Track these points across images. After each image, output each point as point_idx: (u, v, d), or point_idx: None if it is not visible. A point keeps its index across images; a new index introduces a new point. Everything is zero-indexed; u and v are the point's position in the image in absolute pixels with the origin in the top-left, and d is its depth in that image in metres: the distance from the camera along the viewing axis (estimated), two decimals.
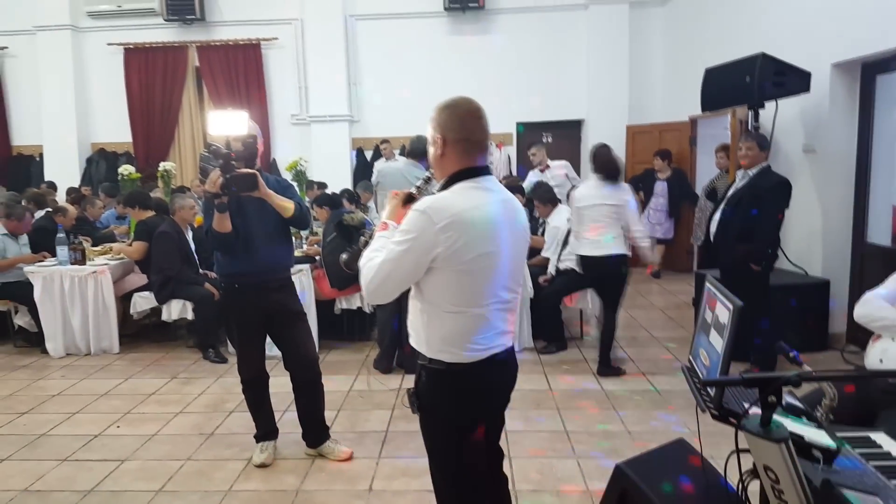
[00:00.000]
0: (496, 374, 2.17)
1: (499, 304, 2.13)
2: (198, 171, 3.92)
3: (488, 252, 2.03)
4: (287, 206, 3.49)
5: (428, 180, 2.27)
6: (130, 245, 6.38)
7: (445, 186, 2.11)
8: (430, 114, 2.17)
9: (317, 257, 6.09)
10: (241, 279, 3.57)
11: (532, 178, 7.99)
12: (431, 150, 2.17)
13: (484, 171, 2.14)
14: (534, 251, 6.09)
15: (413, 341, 2.21)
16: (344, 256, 2.34)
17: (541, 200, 6.31)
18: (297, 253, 6.17)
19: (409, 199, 2.22)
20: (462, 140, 2.10)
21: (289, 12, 10.45)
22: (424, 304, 2.11)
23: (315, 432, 3.92)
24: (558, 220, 6.18)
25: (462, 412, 2.14)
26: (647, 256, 5.89)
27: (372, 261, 2.07)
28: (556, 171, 8.11)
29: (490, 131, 2.20)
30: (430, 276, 2.04)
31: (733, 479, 1.91)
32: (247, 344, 3.76)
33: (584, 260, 5.24)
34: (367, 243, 2.22)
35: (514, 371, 2.30)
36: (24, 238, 6.50)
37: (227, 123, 3.47)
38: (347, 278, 5.78)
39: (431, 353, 2.12)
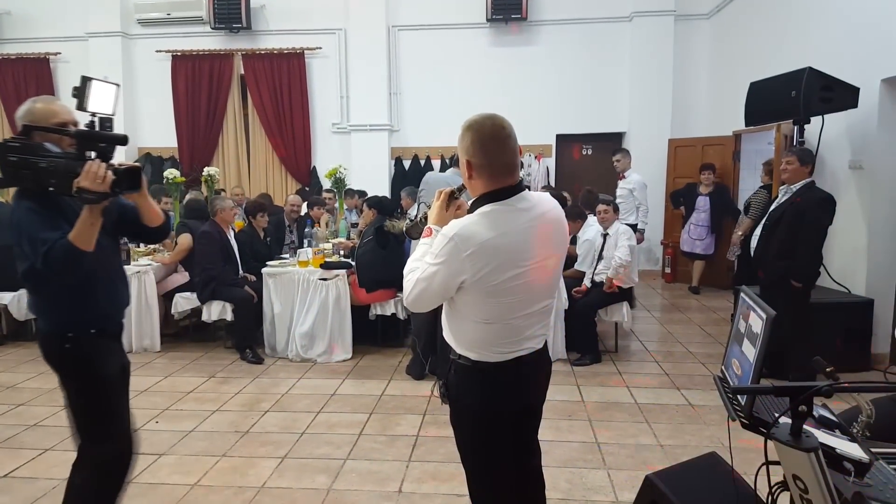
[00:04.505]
0: (523, 372, 2.17)
1: (529, 315, 2.15)
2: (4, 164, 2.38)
3: (517, 274, 2.04)
4: (159, 210, 2.74)
5: (464, 187, 2.27)
6: (174, 245, 6.56)
7: (474, 208, 2.11)
8: (458, 132, 2.14)
9: (351, 262, 6.15)
10: (101, 322, 2.62)
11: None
12: (462, 171, 2.16)
13: (513, 190, 2.10)
14: (568, 261, 6.08)
15: (445, 334, 2.26)
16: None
17: (569, 217, 6.28)
18: (333, 259, 6.28)
19: (452, 198, 2.26)
20: (486, 165, 2.07)
21: (333, 22, 10.62)
22: (455, 311, 2.16)
23: None
24: (590, 233, 6.18)
25: (488, 406, 2.16)
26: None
27: (412, 273, 2.12)
28: (625, 185, 8.19)
29: (521, 144, 2.14)
30: (461, 294, 2.08)
31: (763, 492, 1.88)
32: (118, 402, 2.73)
33: None
34: (424, 219, 2.30)
35: (542, 369, 2.31)
36: None
37: (103, 98, 2.72)
38: (377, 281, 5.89)
39: (460, 349, 2.17)
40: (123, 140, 2.46)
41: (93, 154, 2.37)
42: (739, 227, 7.40)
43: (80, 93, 2.40)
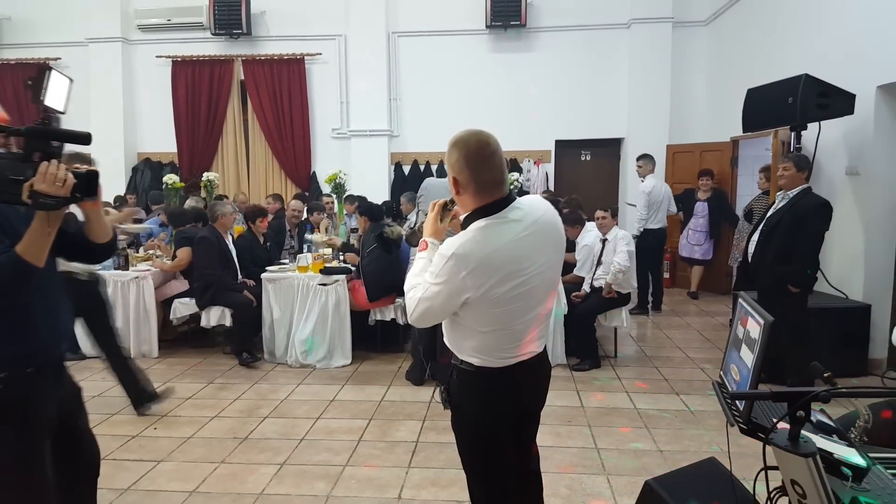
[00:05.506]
0: (524, 376, 2.20)
1: (531, 319, 2.17)
2: None
3: (519, 283, 2.07)
4: (108, 226, 2.35)
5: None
6: (174, 255, 6.52)
7: (467, 223, 2.13)
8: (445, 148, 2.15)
9: (353, 267, 6.16)
10: (40, 356, 2.18)
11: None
12: (450, 188, 2.18)
13: (504, 202, 2.11)
14: (567, 267, 6.10)
15: (447, 340, 2.28)
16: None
17: (568, 223, 6.28)
18: (333, 263, 6.28)
19: (445, 209, 2.28)
20: (472, 182, 2.09)
21: (333, 28, 10.65)
22: (457, 321, 2.18)
23: None
24: (589, 238, 6.19)
25: (489, 410, 2.18)
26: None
27: (413, 291, 2.15)
28: (639, 187, 8.23)
29: (520, 150, 2.18)
30: (464, 308, 2.10)
31: (762, 497, 1.89)
32: (41, 466, 2.17)
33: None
34: (422, 226, 2.31)
35: (542, 373, 2.34)
36: None
37: (57, 92, 2.35)
38: (384, 289, 5.89)
39: (462, 355, 2.19)
40: (87, 138, 2.05)
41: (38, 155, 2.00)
42: (746, 234, 7.37)
43: (38, 84, 2.12)
